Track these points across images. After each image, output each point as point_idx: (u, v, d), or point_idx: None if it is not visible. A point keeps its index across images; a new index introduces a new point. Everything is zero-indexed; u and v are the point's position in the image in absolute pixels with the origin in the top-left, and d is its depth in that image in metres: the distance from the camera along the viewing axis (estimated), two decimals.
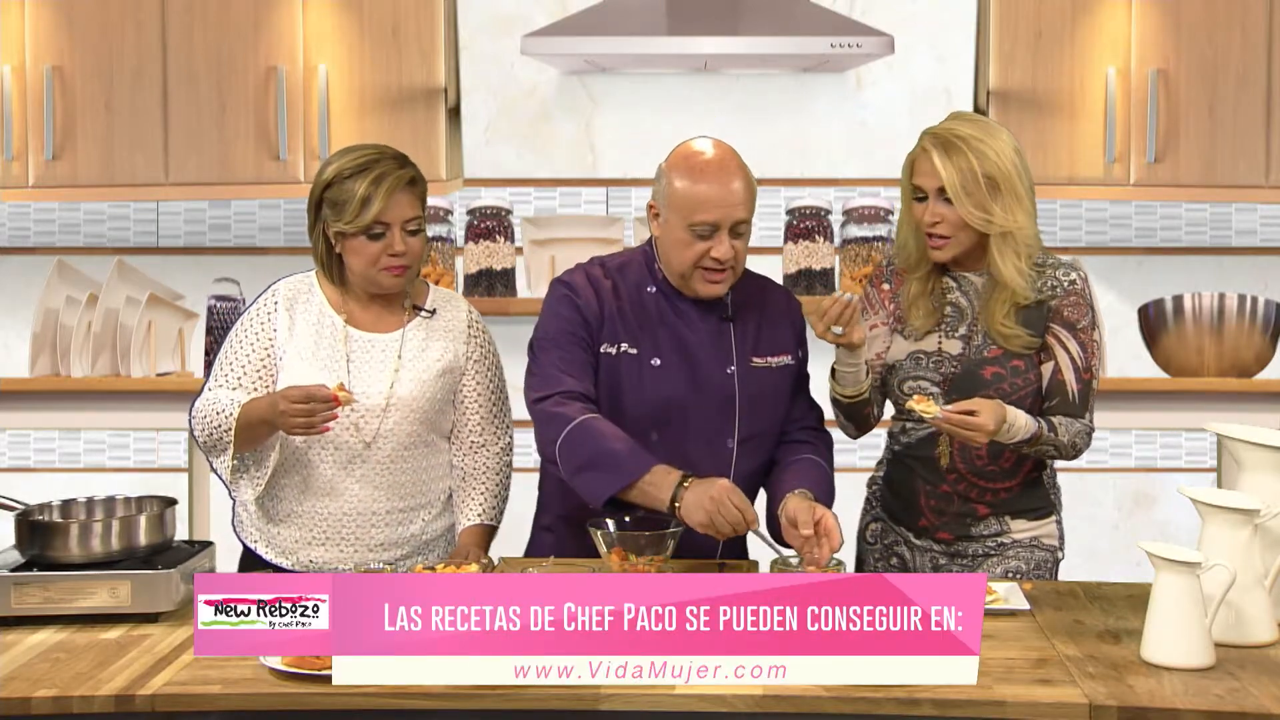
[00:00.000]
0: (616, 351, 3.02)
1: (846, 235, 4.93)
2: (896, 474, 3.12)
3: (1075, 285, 3.00)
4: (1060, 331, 2.98)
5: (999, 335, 2.97)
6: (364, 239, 3.00)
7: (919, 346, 3.04)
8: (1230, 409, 4.43)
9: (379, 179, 2.97)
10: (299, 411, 2.86)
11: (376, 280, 3.04)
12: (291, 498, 3.08)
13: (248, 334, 3.09)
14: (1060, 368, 2.98)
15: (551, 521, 3.18)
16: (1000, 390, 2.96)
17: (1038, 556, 3.06)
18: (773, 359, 3.08)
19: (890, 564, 3.13)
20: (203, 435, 3.03)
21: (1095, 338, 3.02)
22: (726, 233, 2.93)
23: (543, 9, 5.19)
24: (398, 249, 3.00)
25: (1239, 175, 4.82)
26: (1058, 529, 3.10)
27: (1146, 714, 2.27)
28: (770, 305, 3.13)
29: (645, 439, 2.95)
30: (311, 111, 4.85)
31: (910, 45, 5.14)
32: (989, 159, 2.90)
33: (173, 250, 5.33)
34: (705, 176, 2.93)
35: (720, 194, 2.92)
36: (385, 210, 2.97)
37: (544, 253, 4.94)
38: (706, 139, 3.02)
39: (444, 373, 3.11)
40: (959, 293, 3.04)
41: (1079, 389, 2.98)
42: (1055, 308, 2.98)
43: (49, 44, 4.86)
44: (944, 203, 2.93)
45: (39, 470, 5.41)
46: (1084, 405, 2.99)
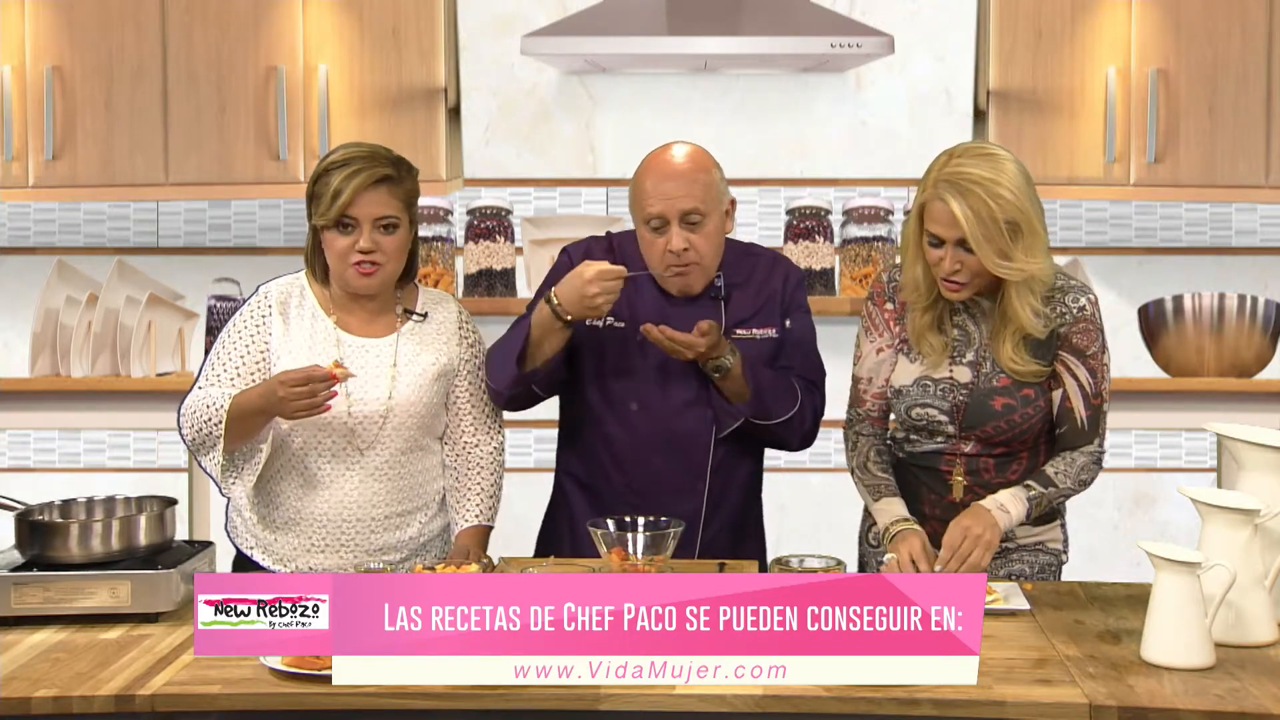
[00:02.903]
0: (603, 325, 3.11)
1: (846, 235, 4.93)
2: (901, 479, 3.07)
3: (1085, 311, 2.95)
4: (1069, 359, 2.95)
5: (1009, 370, 2.93)
6: (335, 232, 2.99)
7: (926, 372, 2.99)
8: (1230, 409, 4.43)
9: (353, 174, 2.97)
10: (299, 394, 2.85)
11: (346, 278, 3.03)
12: (288, 505, 3.08)
13: (242, 335, 3.08)
14: (1069, 395, 2.95)
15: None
16: (1010, 420, 2.94)
17: (1042, 560, 3.05)
18: (756, 330, 3.15)
19: None
20: (191, 432, 3.00)
21: (1105, 361, 2.99)
22: (676, 224, 2.99)
23: (543, 9, 5.19)
24: (364, 245, 2.98)
25: (1239, 175, 4.82)
26: (1062, 533, 3.09)
27: (1146, 714, 2.27)
28: (764, 279, 3.18)
29: (626, 408, 3.10)
30: (311, 111, 4.85)
31: (910, 45, 5.14)
32: (1006, 201, 2.79)
33: (173, 250, 5.33)
34: (650, 173, 3.04)
35: (659, 187, 3.00)
36: (353, 204, 2.97)
37: (544, 253, 4.93)
38: (675, 142, 3.10)
39: (439, 376, 3.11)
40: (966, 315, 2.99)
41: (1088, 415, 2.96)
42: (1065, 335, 2.94)
43: (49, 44, 4.86)
44: (964, 250, 2.84)
45: (39, 470, 5.41)
46: (1093, 431, 2.97)
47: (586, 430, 3.21)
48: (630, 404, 3.13)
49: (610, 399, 3.15)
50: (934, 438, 3.01)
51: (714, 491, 3.15)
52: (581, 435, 3.22)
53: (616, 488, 3.15)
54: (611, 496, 3.14)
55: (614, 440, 3.15)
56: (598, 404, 3.17)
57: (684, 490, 3.13)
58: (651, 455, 3.13)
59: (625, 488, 3.14)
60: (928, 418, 2.99)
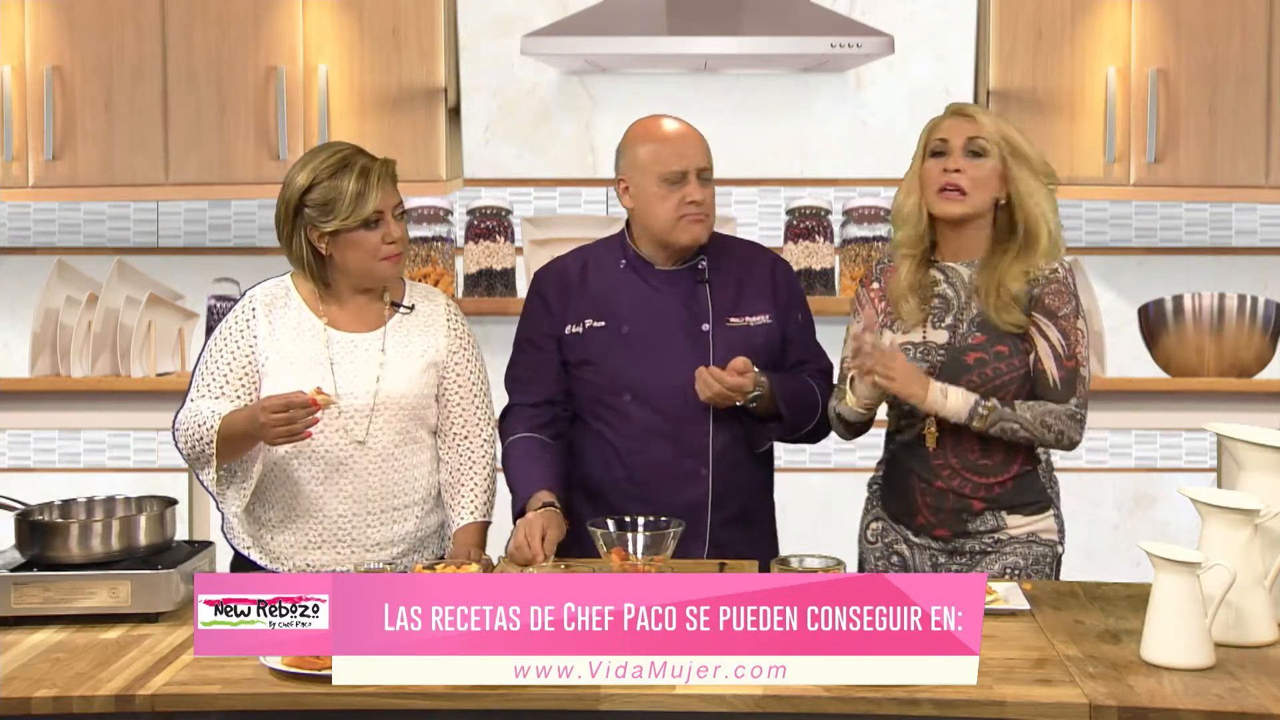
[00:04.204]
0: (583, 329, 3.20)
1: (846, 235, 4.93)
2: (893, 472, 3.13)
3: (1057, 274, 3.01)
4: (1040, 319, 3.00)
5: (994, 312, 2.98)
6: (362, 231, 3.02)
7: (907, 338, 3.05)
8: (1230, 409, 4.43)
9: (365, 172, 3.02)
10: (279, 420, 2.85)
11: (375, 272, 3.07)
12: (284, 503, 3.08)
13: (227, 343, 3.09)
14: (1040, 356, 2.99)
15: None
16: (983, 374, 2.98)
17: (1035, 552, 3.06)
18: (751, 319, 3.22)
19: (890, 563, 3.13)
20: (186, 448, 3.03)
21: (1080, 326, 3.02)
22: (695, 177, 3.13)
23: (543, 9, 5.19)
24: (395, 234, 3.05)
25: (1239, 175, 4.81)
26: (1056, 523, 3.10)
27: (1146, 714, 2.27)
28: (753, 268, 3.27)
29: (619, 400, 3.17)
30: (311, 111, 4.84)
31: (910, 45, 5.14)
32: (1016, 136, 3.01)
33: (173, 250, 5.33)
34: (666, 133, 3.20)
35: (682, 144, 3.17)
36: (381, 199, 3.03)
37: (544, 253, 4.92)
38: (661, 114, 3.28)
39: (428, 367, 3.12)
40: (946, 284, 3.05)
41: (1061, 376, 2.98)
42: (1037, 296, 3.00)
43: (49, 44, 4.86)
44: (969, 157, 2.98)
45: (39, 470, 5.41)
46: (1069, 392, 2.99)
47: (582, 429, 3.24)
48: (623, 395, 3.17)
49: (602, 394, 3.19)
50: (914, 411, 3.03)
51: (718, 478, 3.16)
52: (579, 435, 3.24)
53: (619, 481, 3.17)
54: (615, 491, 3.16)
55: (612, 434, 3.18)
56: (591, 401, 3.21)
57: (687, 477, 3.15)
58: (650, 443, 3.16)
59: (627, 480, 3.16)
60: None
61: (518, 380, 3.28)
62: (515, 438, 3.22)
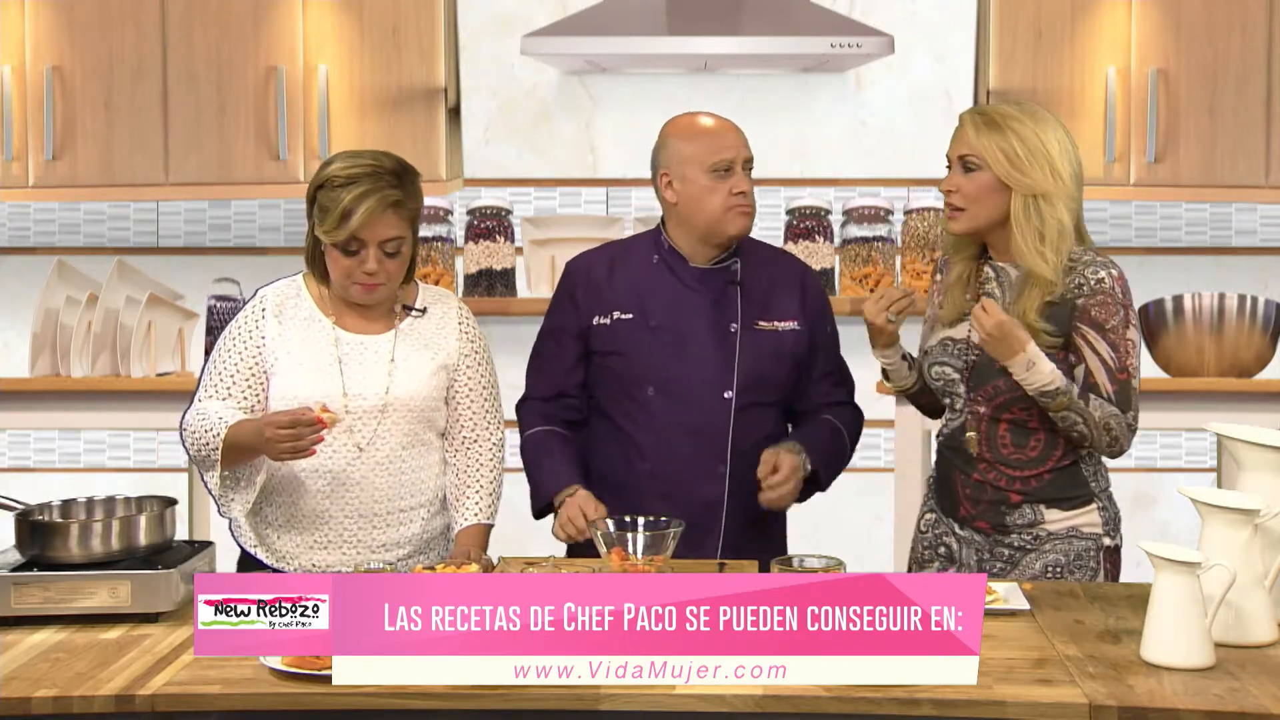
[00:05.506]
0: (610, 320, 3.21)
1: (846, 235, 4.93)
2: (940, 465, 3.15)
3: (1104, 284, 2.95)
4: (1088, 332, 2.94)
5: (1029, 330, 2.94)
6: (339, 252, 2.99)
7: (950, 333, 3.07)
8: (1230, 409, 4.43)
9: (363, 195, 2.94)
10: (285, 437, 2.84)
11: (348, 292, 3.05)
12: (290, 503, 3.08)
13: (235, 343, 3.08)
14: (1091, 370, 2.94)
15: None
16: (1010, 381, 2.95)
17: (1077, 547, 3.03)
18: (779, 324, 3.23)
19: (938, 553, 3.13)
20: (192, 449, 3.02)
21: (1130, 336, 2.96)
22: (741, 167, 3.18)
23: (543, 9, 5.19)
24: (370, 268, 2.98)
25: (1239, 175, 4.82)
26: (1100, 515, 3.06)
27: (1146, 714, 2.27)
28: (781, 274, 3.29)
29: (642, 393, 3.18)
30: (311, 112, 4.85)
31: (910, 45, 5.14)
32: (1028, 139, 2.93)
33: (173, 250, 5.33)
34: (710, 126, 3.24)
35: (728, 136, 3.21)
36: (362, 228, 2.95)
37: (544, 253, 4.94)
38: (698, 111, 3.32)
39: (438, 370, 3.11)
40: (995, 283, 3.04)
41: (1114, 389, 2.94)
42: (1082, 307, 2.94)
43: (49, 44, 4.86)
44: (963, 172, 2.97)
45: (39, 470, 5.41)
46: (1124, 405, 2.94)
47: (604, 423, 3.25)
48: (646, 389, 3.18)
49: (626, 386, 3.20)
50: (953, 405, 3.07)
51: (736, 476, 3.16)
52: (599, 429, 3.25)
53: (638, 476, 3.18)
54: (633, 486, 3.16)
55: (633, 428, 3.19)
56: (614, 394, 3.22)
57: (706, 474, 3.17)
58: (671, 438, 3.16)
59: (647, 475, 3.17)
60: (944, 376, 3.06)
61: (533, 369, 3.33)
62: (535, 431, 3.26)
